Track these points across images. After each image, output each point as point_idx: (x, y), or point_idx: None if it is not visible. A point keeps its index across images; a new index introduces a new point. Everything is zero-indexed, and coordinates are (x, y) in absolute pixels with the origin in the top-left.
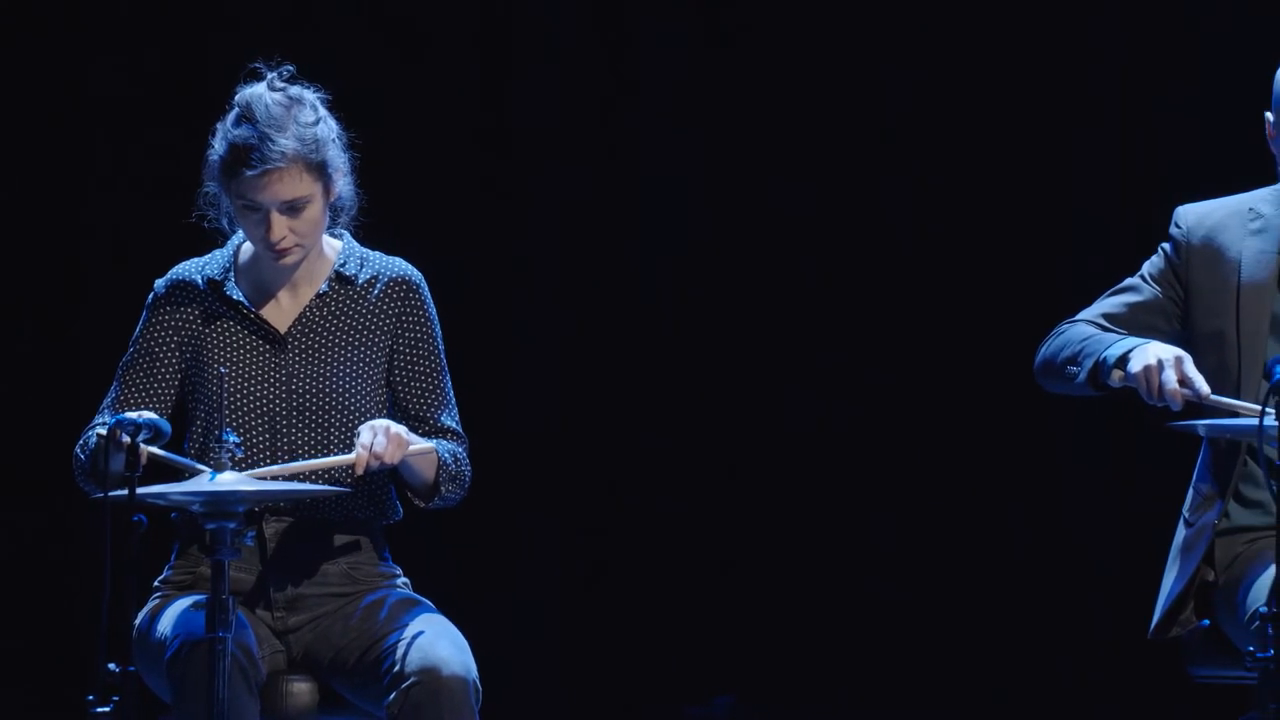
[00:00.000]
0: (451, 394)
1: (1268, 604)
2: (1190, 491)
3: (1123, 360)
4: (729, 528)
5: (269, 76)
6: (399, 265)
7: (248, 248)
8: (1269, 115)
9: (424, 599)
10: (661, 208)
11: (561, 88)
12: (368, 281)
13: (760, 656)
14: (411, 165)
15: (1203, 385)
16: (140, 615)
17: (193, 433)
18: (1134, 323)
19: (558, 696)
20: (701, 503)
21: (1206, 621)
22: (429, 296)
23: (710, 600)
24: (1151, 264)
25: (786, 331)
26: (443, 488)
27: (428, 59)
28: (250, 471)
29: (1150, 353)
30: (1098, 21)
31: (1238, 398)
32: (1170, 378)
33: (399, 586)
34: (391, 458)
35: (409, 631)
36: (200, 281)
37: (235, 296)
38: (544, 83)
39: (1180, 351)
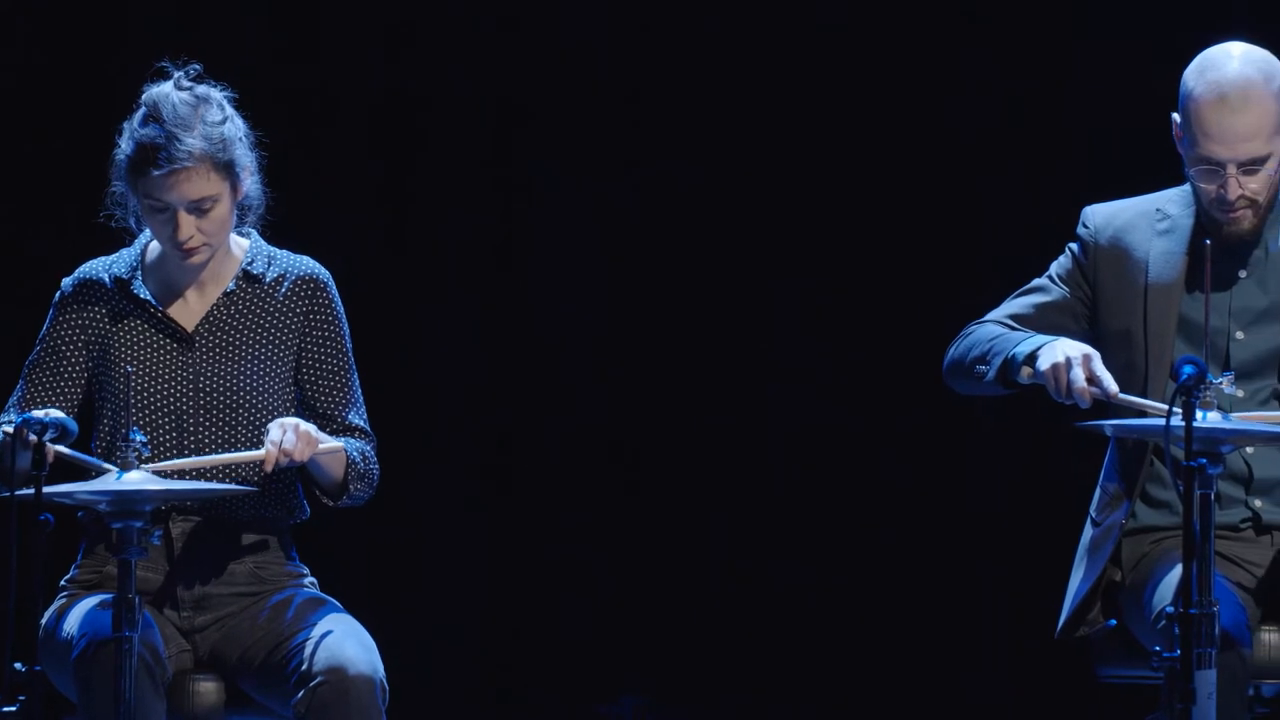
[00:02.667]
0: (359, 392)
1: (1174, 604)
2: (1097, 491)
3: (1031, 358)
4: (638, 527)
5: (176, 75)
6: (306, 264)
7: (155, 246)
8: (1175, 116)
9: (331, 599)
10: (572, 204)
11: (469, 83)
12: (275, 280)
13: (670, 656)
14: (318, 163)
15: (1111, 384)
16: (47, 615)
17: (99, 431)
18: (1042, 323)
19: (466, 696)
20: (611, 502)
21: (1113, 621)
22: (336, 295)
23: (620, 599)
24: (1059, 264)
25: (697, 329)
26: (351, 486)
27: (333, 55)
28: (158, 465)
29: (1059, 350)
30: (1004, 20)
31: (1145, 397)
32: (1078, 376)
33: (306, 586)
34: (301, 455)
35: (316, 631)
36: (107, 280)
37: (142, 295)
38: (453, 77)
39: (1088, 349)
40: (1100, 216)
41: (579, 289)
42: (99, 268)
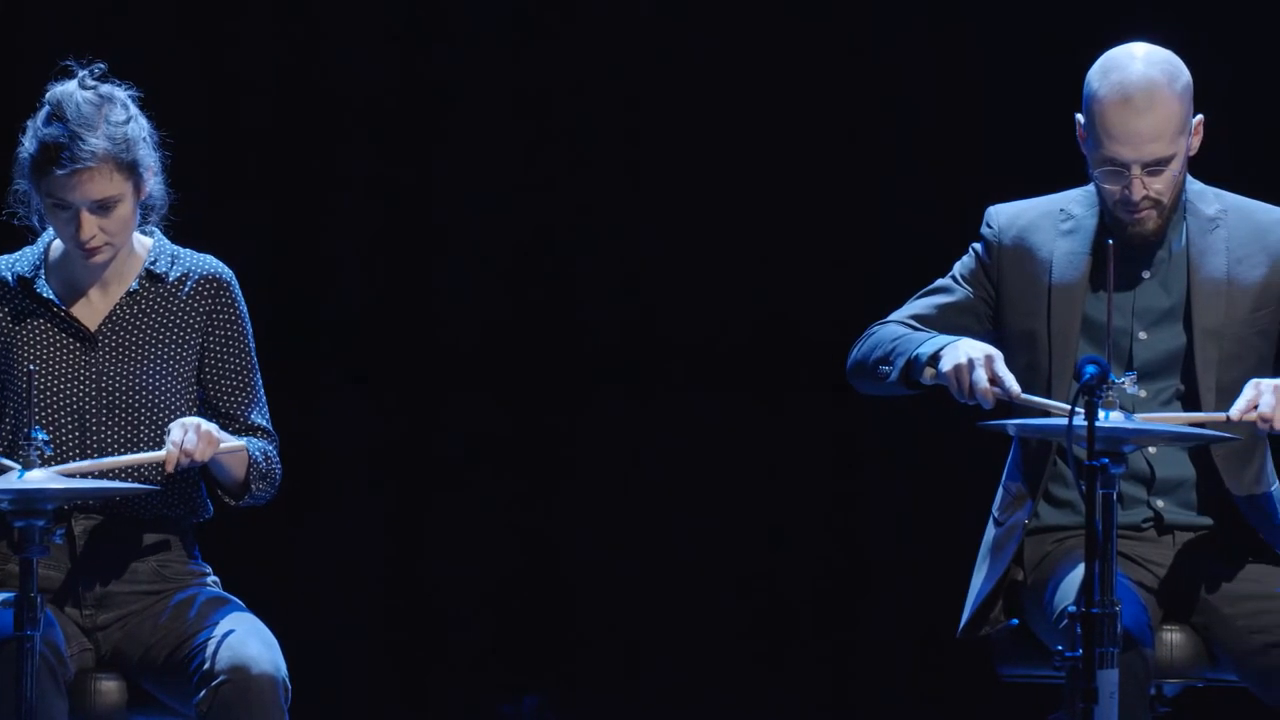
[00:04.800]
0: (262, 392)
1: (1076, 603)
2: (1000, 491)
3: (934, 358)
4: (539, 525)
5: (80, 74)
6: (210, 263)
7: (58, 245)
8: (1079, 117)
9: (233, 598)
10: (467, 208)
11: (371, 83)
12: (178, 279)
13: (569, 655)
14: (219, 162)
15: (1013, 384)
16: None
17: (1, 430)
18: (945, 324)
19: (369, 695)
20: (511, 500)
21: (1015, 621)
22: (240, 295)
23: (521, 597)
24: (962, 264)
25: (587, 328)
26: (253, 486)
27: (235, 53)
28: (59, 467)
29: (961, 351)
30: (910, 21)
31: (1048, 398)
32: (981, 376)
33: (209, 585)
34: (202, 455)
35: (219, 630)
36: (10, 279)
37: (45, 294)
38: (354, 84)
39: (991, 349)
40: (1004, 216)
41: (476, 288)
42: (2, 266)
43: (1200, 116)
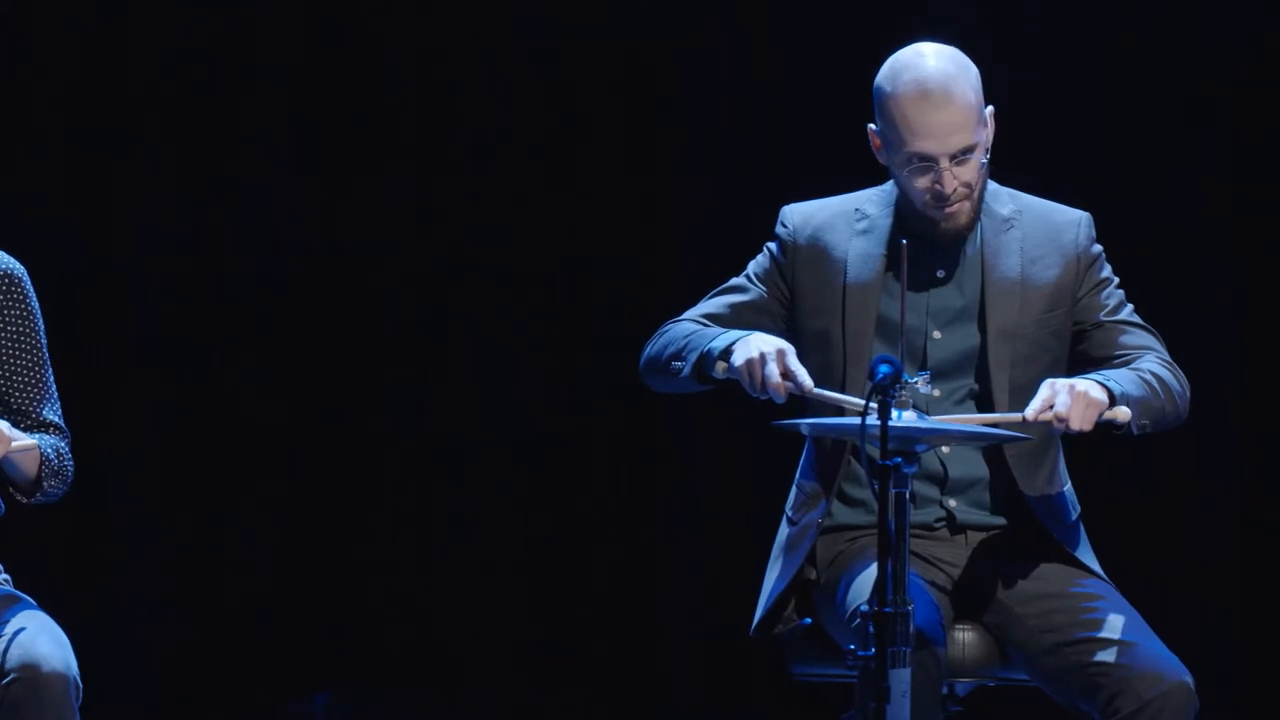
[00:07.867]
0: (54, 388)
1: (869, 602)
2: (793, 489)
3: (726, 352)
4: (332, 519)
5: None
6: (1, 258)
7: None
8: (872, 126)
9: (25, 596)
10: (263, 199)
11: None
12: None
13: (361, 652)
14: (13, 156)
15: (805, 378)
16: None
17: None
18: (738, 322)
19: (160, 694)
20: (304, 495)
21: (808, 620)
22: (31, 289)
23: (312, 596)
24: (757, 263)
25: (378, 325)
26: (45, 483)
27: (33, 45)
28: None
29: (753, 345)
30: (713, 22)
31: None
32: (773, 371)
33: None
34: None
35: (9, 628)
36: None
37: None
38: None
39: (783, 344)
40: (799, 215)
41: (275, 287)
42: None
43: (991, 107)
